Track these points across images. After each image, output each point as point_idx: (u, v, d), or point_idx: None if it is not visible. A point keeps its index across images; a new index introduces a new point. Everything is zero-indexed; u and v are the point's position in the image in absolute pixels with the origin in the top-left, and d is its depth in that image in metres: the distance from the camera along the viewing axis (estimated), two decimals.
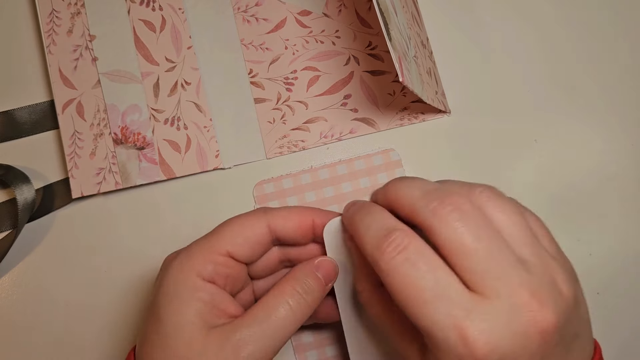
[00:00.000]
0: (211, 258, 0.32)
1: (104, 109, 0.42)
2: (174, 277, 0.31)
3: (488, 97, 0.43)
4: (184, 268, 0.31)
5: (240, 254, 0.32)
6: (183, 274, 0.31)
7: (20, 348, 0.41)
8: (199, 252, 0.32)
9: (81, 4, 0.43)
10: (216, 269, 0.32)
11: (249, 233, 0.33)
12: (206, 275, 0.31)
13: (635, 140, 0.42)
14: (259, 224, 0.33)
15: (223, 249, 0.32)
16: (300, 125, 0.43)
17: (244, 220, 0.33)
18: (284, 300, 0.31)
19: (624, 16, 0.44)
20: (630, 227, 0.41)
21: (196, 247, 0.32)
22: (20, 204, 0.41)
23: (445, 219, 0.27)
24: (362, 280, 0.33)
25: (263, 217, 0.33)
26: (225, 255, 0.32)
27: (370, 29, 0.43)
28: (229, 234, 0.32)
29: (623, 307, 0.41)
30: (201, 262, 0.31)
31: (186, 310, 0.30)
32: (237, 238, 0.32)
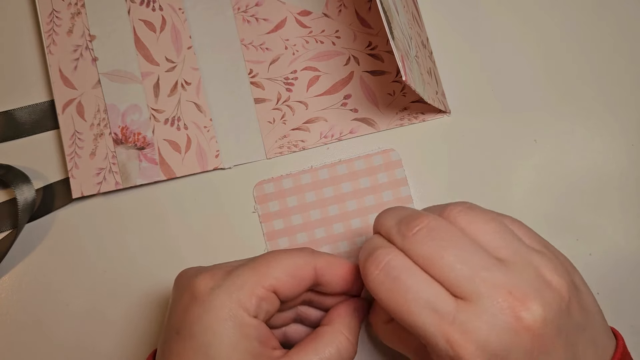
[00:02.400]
0: (257, 293, 0.31)
1: (104, 109, 0.42)
2: (220, 312, 0.30)
3: (488, 97, 0.43)
4: (232, 302, 0.30)
5: (283, 292, 0.32)
6: (231, 309, 0.30)
7: (21, 348, 0.41)
8: (245, 284, 0.31)
9: (81, 4, 0.43)
10: (261, 304, 0.31)
11: (297, 273, 0.32)
12: (252, 311, 0.30)
13: (635, 140, 0.42)
14: (308, 265, 0.33)
15: (270, 284, 0.31)
16: (300, 125, 0.43)
17: (294, 259, 0.32)
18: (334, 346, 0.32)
19: (623, 17, 0.44)
20: (630, 227, 0.41)
21: (242, 278, 0.31)
22: (21, 204, 0.41)
23: (413, 239, 0.28)
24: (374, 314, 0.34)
25: (312, 260, 0.33)
26: (270, 290, 0.31)
27: (371, 29, 0.43)
28: (278, 269, 0.32)
29: (623, 307, 0.41)
30: (248, 296, 0.30)
31: (237, 351, 0.29)
32: (284, 275, 0.32)
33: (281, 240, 0.41)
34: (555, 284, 0.27)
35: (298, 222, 0.41)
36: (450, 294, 0.27)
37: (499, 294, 0.26)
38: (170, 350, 0.30)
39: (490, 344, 0.26)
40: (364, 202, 0.41)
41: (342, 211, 0.41)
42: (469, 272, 0.27)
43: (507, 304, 0.26)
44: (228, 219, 0.42)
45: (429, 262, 0.28)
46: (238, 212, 0.42)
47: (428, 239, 0.28)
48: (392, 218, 0.30)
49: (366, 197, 0.41)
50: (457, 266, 0.27)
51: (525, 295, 0.26)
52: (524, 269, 0.27)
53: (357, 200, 0.41)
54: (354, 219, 0.41)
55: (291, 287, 0.32)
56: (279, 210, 0.41)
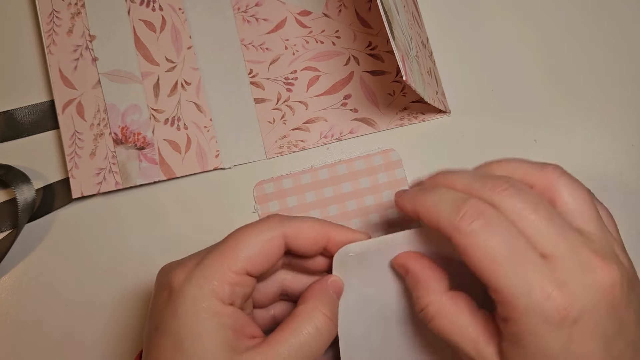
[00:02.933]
0: (229, 278, 0.30)
1: (104, 109, 0.42)
2: (193, 303, 0.29)
3: (488, 97, 0.43)
4: (204, 292, 0.29)
5: (256, 270, 0.31)
6: (203, 299, 0.29)
7: (21, 348, 0.41)
8: (215, 272, 0.30)
9: (81, 4, 0.43)
10: (234, 289, 0.30)
11: (266, 246, 0.31)
12: (226, 298, 0.30)
13: (635, 140, 0.42)
14: (276, 236, 0.31)
15: (240, 267, 0.30)
16: (300, 125, 0.43)
17: (260, 232, 0.31)
18: (312, 323, 0.31)
19: (623, 17, 0.44)
20: (630, 227, 0.41)
21: (211, 265, 0.30)
22: (21, 204, 0.41)
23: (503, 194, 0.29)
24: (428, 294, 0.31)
25: (280, 230, 0.32)
26: (242, 273, 0.30)
27: (371, 29, 0.43)
28: (245, 248, 0.31)
29: None
30: (219, 284, 0.30)
31: (213, 341, 0.29)
32: (254, 253, 0.31)
33: None
34: (625, 262, 0.29)
35: None
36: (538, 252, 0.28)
37: (585, 253, 0.27)
38: (152, 346, 0.30)
39: (581, 298, 0.26)
40: (364, 202, 0.41)
41: (342, 211, 0.41)
42: (556, 231, 0.28)
43: (593, 263, 0.27)
44: (228, 219, 0.42)
45: (518, 216, 0.28)
46: (238, 212, 0.42)
47: (518, 198, 0.28)
48: (470, 175, 0.30)
49: (366, 197, 0.41)
50: (545, 225, 0.28)
51: (606, 258, 0.28)
52: (604, 242, 0.29)
53: (357, 200, 0.41)
54: (354, 219, 0.41)
55: (262, 263, 0.31)
56: (279, 210, 0.41)
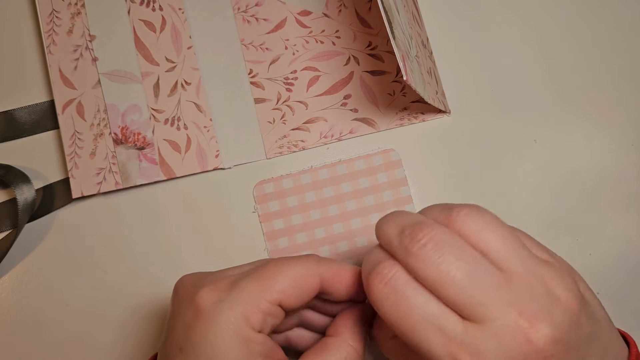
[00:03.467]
0: (263, 307, 0.29)
1: (104, 109, 0.42)
2: (225, 328, 0.29)
3: (488, 97, 0.43)
4: (235, 317, 0.29)
5: (288, 304, 0.31)
6: (235, 325, 0.29)
7: (21, 348, 0.41)
8: (250, 299, 0.29)
9: (81, 4, 0.43)
10: (266, 319, 0.30)
11: (303, 284, 0.31)
12: (257, 326, 0.29)
13: (634, 140, 0.42)
14: (313, 275, 0.31)
15: (275, 298, 0.30)
16: (300, 125, 0.43)
17: (298, 269, 0.31)
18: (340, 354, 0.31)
19: (622, 17, 0.44)
20: (630, 227, 0.41)
21: (247, 291, 0.30)
22: (21, 204, 0.41)
23: (418, 254, 0.27)
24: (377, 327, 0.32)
25: (317, 270, 0.31)
26: (275, 304, 0.30)
27: (371, 29, 0.43)
28: (283, 280, 0.30)
29: (623, 307, 0.41)
30: (253, 311, 0.29)
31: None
32: (290, 288, 0.30)
33: (281, 240, 0.41)
34: (565, 299, 0.26)
35: (298, 222, 0.41)
36: (457, 314, 0.26)
37: (509, 316, 0.25)
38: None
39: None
40: (364, 202, 0.41)
41: (342, 211, 0.41)
42: (478, 293, 0.26)
43: (518, 326, 0.25)
44: (228, 219, 0.42)
45: (435, 281, 0.26)
46: (238, 212, 0.42)
47: (435, 256, 0.26)
48: (394, 227, 0.28)
49: (366, 197, 0.41)
50: (465, 286, 0.26)
51: (535, 316, 0.25)
52: (533, 284, 0.26)
53: (357, 200, 0.41)
54: (354, 219, 0.41)
55: (296, 299, 0.31)
56: (279, 210, 0.41)
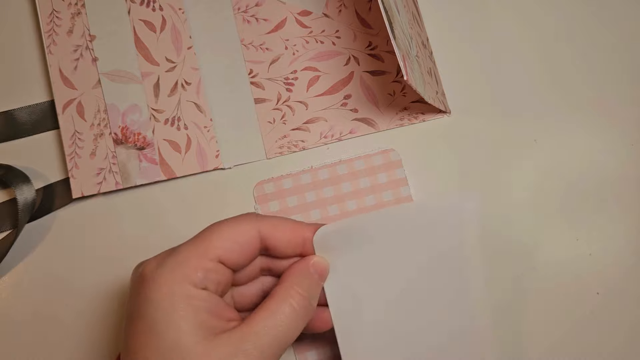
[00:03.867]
0: (202, 264, 0.30)
1: (104, 109, 0.42)
2: (165, 287, 0.30)
3: (488, 97, 0.43)
4: (176, 277, 0.30)
5: (230, 261, 0.31)
6: (176, 283, 0.30)
7: (21, 348, 0.41)
8: (188, 259, 0.30)
9: (81, 4, 0.43)
10: (207, 275, 0.30)
11: (240, 239, 0.32)
12: (198, 283, 0.30)
13: (635, 140, 0.42)
14: (251, 229, 0.32)
15: (214, 255, 0.31)
16: (300, 126, 0.43)
17: (235, 226, 0.32)
18: (287, 302, 0.31)
19: (622, 17, 0.44)
20: (630, 227, 0.41)
21: (185, 253, 0.31)
22: (21, 204, 0.41)
23: None
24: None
25: (255, 224, 0.32)
26: (215, 261, 0.31)
27: (371, 29, 0.43)
28: (219, 239, 0.31)
29: (623, 307, 0.41)
30: (192, 269, 0.30)
31: (186, 323, 0.29)
32: (228, 243, 0.31)
33: None
34: None
35: None
36: None
37: None
38: (127, 336, 0.30)
39: None
40: (364, 202, 0.41)
41: (342, 211, 0.41)
42: None
43: None
44: None
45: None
46: (238, 212, 0.41)
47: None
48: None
49: (366, 197, 0.41)
50: None
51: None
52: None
53: (357, 200, 0.41)
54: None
55: (237, 254, 0.31)
56: (279, 210, 0.41)
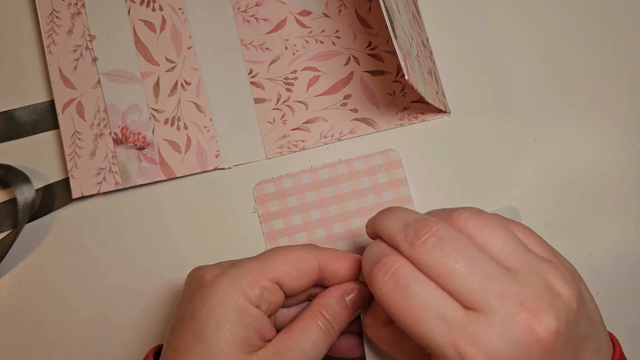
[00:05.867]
0: (261, 282, 0.31)
1: (104, 109, 0.42)
2: (222, 297, 0.30)
3: (488, 97, 0.43)
4: (235, 289, 0.31)
5: (287, 285, 0.32)
6: (233, 295, 0.30)
7: (21, 348, 0.41)
8: (249, 274, 0.31)
9: (81, 4, 0.43)
10: (264, 294, 0.31)
11: (302, 266, 0.32)
12: (254, 300, 0.31)
13: (635, 140, 0.42)
14: (312, 259, 0.33)
15: (274, 276, 0.32)
16: (300, 125, 0.43)
17: (298, 252, 0.33)
18: (315, 322, 0.32)
19: (622, 17, 0.44)
20: (630, 227, 0.41)
21: (247, 268, 0.32)
22: (21, 204, 0.41)
23: (422, 248, 0.28)
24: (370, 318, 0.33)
25: (315, 254, 0.33)
26: (274, 281, 0.32)
27: (371, 29, 0.43)
28: (282, 262, 0.32)
29: (623, 307, 0.41)
30: (251, 285, 0.31)
31: (233, 335, 0.30)
32: (288, 267, 0.32)
33: (281, 240, 0.41)
34: (565, 295, 0.27)
35: (298, 222, 0.41)
36: (460, 305, 0.27)
37: (511, 306, 0.26)
38: (173, 334, 0.31)
39: (501, 356, 0.25)
40: (364, 202, 0.41)
41: (342, 211, 0.41)
42: (480, 283, 0.26)
43: (520, 316, 0.26)
44: (228, 219, 0.42)
45: (439, 272, 0.27)
46: (238, 212, 0.42)
47: (437, 249, 0.27)
48: (397, 223, 0.29)
49: (366, 197, 0.41)
50: (468, 277, 0.26)
51: (537, 307, 0.26)
52: (534, 278, 0.27)
53: (357, 200, 0.41)
54: (354, 219, 0.41)
55: (295, 280, 0.32)
56: (279, 210, 0.41)
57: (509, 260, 0.28)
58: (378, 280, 0.28)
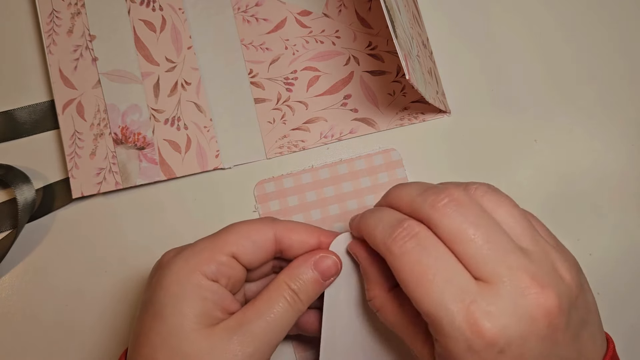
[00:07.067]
0: (216, 258, 0.32)
1: (104, 109, 0.42)
2: (177, 275, 0.31)
3: (488, 97, 0.43)
4: (189, 266, 0.31)
5: (244, 258, 0.32)
6: (188, 272, 0.31)
7: (21, 348, 0.41)
8: (203, 251, 0.32)
9: (81, 4, 0.43)
10: (220, 268, 0.32)
11: (256, 238, 0.33)
12: (210, 274, 0.31)
13: (634, 140, 0.42)
14: (267, 231, 0.33)
15: (228, 250, 0.32)
16: (300, 125, 0.43)
17: (252, 225, 0.33)
18: (281, 295, 0.32)
19: (623, 17, 0.44)
20: (630, 227, 0.41)
21: (201, 245, 0.32)
22: (21, 204, 0.41)
23: (442, 211, 0.28)
24: (374, 287, 0.33)
25: (271, 226, 0.33)
26: (229, 256, 0.32)
27: (371, 29, 0.43)
28: (236, 236, 0.32)
29: (623, 307, 0.41)
30: (206, 261, 0.31)
31: (191, 310, 0.30)
32: (243, 241, 0.32)
33: None
34: (568, 280, 0.28)
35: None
36: (470, 275, 0.27)
37: (522, 279, 0.26)
38: (137, 320, 0.32)
39: (510, 328, 0.26)
40: (364, 202, 0.41)
41: (342, 211, 0.41)
42: (494, 253, 0.27)
43: (530, 290, 0.26)
44: (228, 219, 0.42)
45: (455, 237, 0.27)
46: (238, 212, 0.42)
47: (457, 214, 0.28)
48: (415, 189, 0.30)
49: (367, 196, 0.41)
50: (485, 246, 0.27)
51: (545, 283, 0.27)
52: (543, 259, 0.28)
53: (357, 199, 0.41)
54: None
55: (252, 253, 0.32)
56: (279, 209, 0.41)
57: (520, 239, 0.28)
58: (399, 240, 0.28)
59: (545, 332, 0.26)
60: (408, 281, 0.28)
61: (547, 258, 0.28)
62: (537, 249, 0.28)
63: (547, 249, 0.28)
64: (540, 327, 0.26)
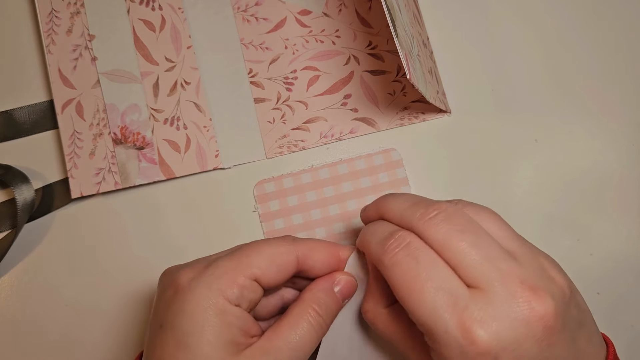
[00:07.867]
0: (239, 281, 0.31)
1: (104, 108, 0.42)
2: (200, 301, 0.30)
3: (488, 97, 0.43)
4: (212, 291, 0.30)
5: (265, 281, 0.32)
6: (211, 297, 0.30)
7: (20, 348, 0.41)
8: (226, 274, 0.31)
9: (81, 4, 0.43)
10: (242, 292, 0.31)
11: (280, 261, 0.32)
12: (233, 299, 0.30)
13: (635, 140, 0.42)
14: (290, 254, 0.32)
15: (251, 273, 0.31)
16: (300, 125, 0.43)
17: (276, 248, 0.32)
18: (305, 319, 0.32)
19: (623, 17, 0.44)
20: (631, 227, 0.41)
21: (223, 268, 0.31)
22: (20, 204, 0.41)
23: (432, 222, 0.29)
24: (369, 301, 0.33)
25: (292, 246, 0.33)
26: (252, 279, 0.31)
27: (371, 28, 0.43)
28: (259, 258, 0.32)
29: (623, 307, 0.41)
30: (229, 285, 0.30)
31: (217, 338, 0.29)
32: (267, 265, 0.32)
33: None
34: (559, 281, 0.28)
35: (299, 222, 0.41)
36: (463, 282, 0.27)
37: (513, 284, 0.27)
38: (154, 344, 0.31)
39: (504, 334, 0.26)
40: (364, 202, 0.41)
41: (342, 211, 0.41)
42: (484, 260, 0.27)
43: (521, 294, 0.27)
44: (228, 219, 0.42)
45: (446, 246, 0.28)
46: (238, 212, 0.42)
47: (446, 223, 0.28)
48: (406, 202, 0.31)
49: (367, 196, 0.41)
50: (473, 253, 0.27)
51: (537, 287, 0.27)
52: (532, 262, 0.28)
53: (357, 199, 0.41)
54: (355, 219, 0.41)
55: (274, 275, 0.32)
56: (279, 209, 0.41)
57: (507, 244, 0.29)
58: (390, 252, 0.29)
59: (541, 335, 0.26)
60: (401, 291, 0.28)
61: (536, 261, 0.28)
62: (525, 253, 0.28)
63: (535, 252, 0.29)
64: (535, 331, 0.26)
